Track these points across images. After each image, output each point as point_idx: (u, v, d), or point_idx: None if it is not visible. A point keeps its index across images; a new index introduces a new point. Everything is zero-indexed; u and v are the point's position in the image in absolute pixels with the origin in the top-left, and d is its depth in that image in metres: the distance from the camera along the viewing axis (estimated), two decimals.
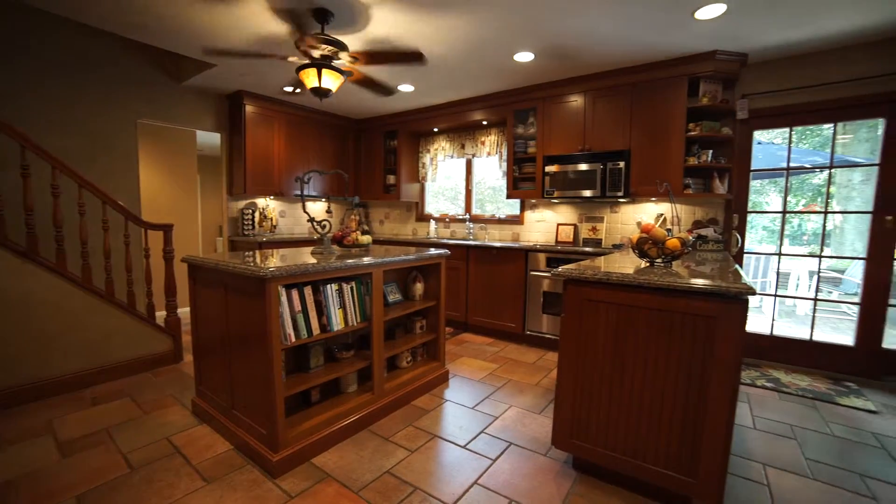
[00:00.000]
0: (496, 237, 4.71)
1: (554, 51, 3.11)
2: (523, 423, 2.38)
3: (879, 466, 2.04)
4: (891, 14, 2.52)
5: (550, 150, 3.85)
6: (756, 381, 3.01)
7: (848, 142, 4.77)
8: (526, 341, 3.86)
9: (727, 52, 3.06)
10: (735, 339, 1.46)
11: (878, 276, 3.05)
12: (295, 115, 4.73)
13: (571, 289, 1.78)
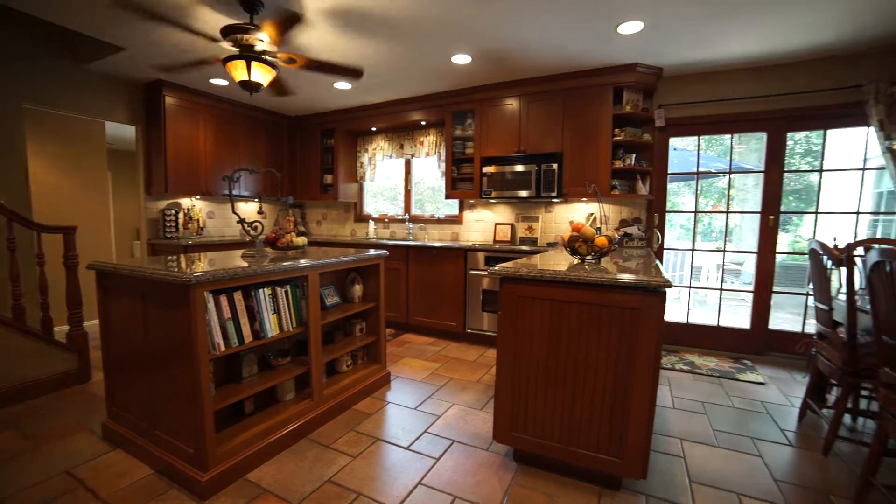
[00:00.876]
0: (436, 237, 4.75)
1: (490, 55, 3.20)
2: (465, 420, 2.42)
3: (765, 429, 2.37)
4: (769, 46, 2.93)
5: (488, 152, 3.96)
6: (675, 364, 3.32)
7: (743, 151, 5.41)
8: (467, 339, 3.93)
9: (646, 65, 3.34)
10: (655, 327, 1.60)
11: (765, 267, 3.51)
12: (223, 110, 4.42)
13: (507, 286, 1.85)
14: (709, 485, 1.86)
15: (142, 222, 4.18)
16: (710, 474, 1.94)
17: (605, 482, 1.83)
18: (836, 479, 1.93)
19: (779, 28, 2.71)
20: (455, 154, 4.20)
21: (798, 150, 5.02)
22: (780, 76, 3.29)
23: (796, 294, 3.60)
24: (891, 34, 2.77)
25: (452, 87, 4.02)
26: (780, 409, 2.60)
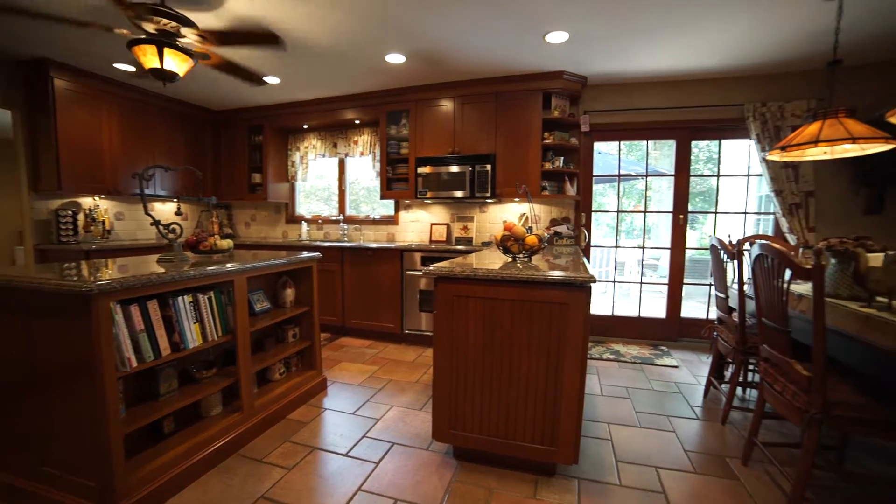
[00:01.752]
0: (371, 238, 4.68)
1: (424, 55, 3.21)
2: (405, 422, 2.41)
3: (677, 407, 2.63)
4: (674, 64, 3.25)
5: (423, 152, 3.97)
6: (602, 354, 3.56)
7: (658, 156, 5.94)
8: (405, 340, 3.92)
9: (572, 73, 3.55)
10: (582, 320, 1.70)
11: (677, 261, 3.89)
12: (133, 100, 4.00)
13: (442, 286, 1.87)
14: (632, 462, 2.03)
15: (26, 224, 3.61)
16: (634, 453, 2.11)
17: (541, 470, 1.92)
18: (731, 443, 2.20)
19: (679, 50, 3.03)
20: (390, 154, 4.17)
21: (702, 157, 5.62)
22: (685, 91, 3.67)
23: (702, 285, 4.03)
24: (761, 64, 3.23)
25: (387, 87, 3.98)
26: (690, 388, 2.90)
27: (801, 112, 3.35)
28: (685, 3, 2.41)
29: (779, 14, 2.55)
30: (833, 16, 2.49)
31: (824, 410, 1.55)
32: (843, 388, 1.66)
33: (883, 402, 1.55)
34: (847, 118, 2.15)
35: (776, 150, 2.40)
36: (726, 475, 1.93)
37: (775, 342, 1.81)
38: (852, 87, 3.35)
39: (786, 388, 1.75)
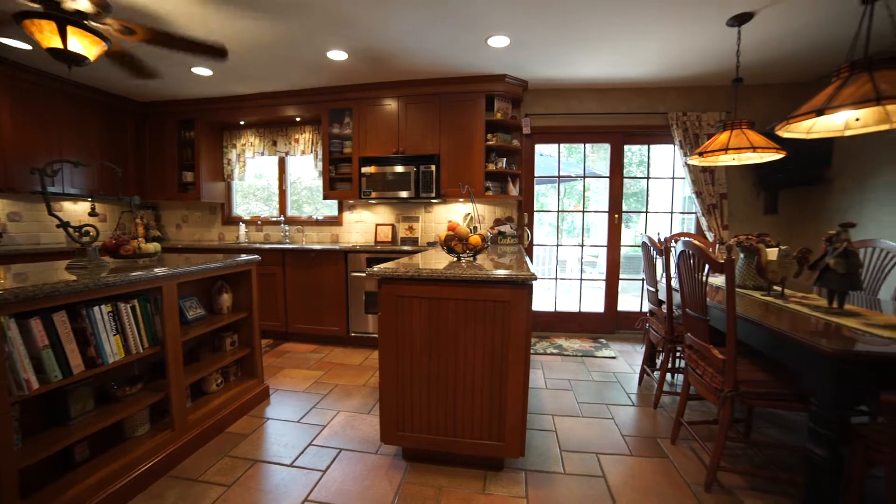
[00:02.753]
0: (314, 239, 4.53)
1: (367, 53, 3.16)
2: (352, 427, 2.36)
3: (615, 395, 2.79)
4: (607, 73, 3.45)
5: (367, 152, 3.91)
6: (546, 349, 3.71)
7: (595, 159, 6.29)
8: (351, 343, 3.83)
9: (513, 77, 3.66)
10: (525, 317, 1.76)
11: (613, 258, 4.14)
12: (31, 83, 3.52)
13: (386, 287, 1.85)
14: (575, 451, 2.13)
15: None
16: (576, 441, 2.21)
17: (489, 465, 1.96)
18: (662, 425, 2.38)
19: (611, 59, 3.23)
20: (333, 153, 4.06)
21: (635, 161, 6.04)
22: (617, 98, 3.91)
23: (636, 280, 4.32)
24: (681, 77, 3.52)
25: (330, 84, 3.88)
26: (627, 377, 3.10)
27: (715, 122, 3.70)
28: (614, 16, 2.57)
29: (687, 34, 2.79)
30: (734, 40, 2.79)
31: (735, 388, 1.72)
32: (749, 367, 1.86)
33: (779, 378, 1.75)
34: (748, 129, 2.41)
35: (695, 156, 2.63)
36: (657, 454, 2.09)
37: (697, 330, 1.98)
38: (752, 103, 3.77)
39: (705, 371, 1.92)
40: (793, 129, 1.84)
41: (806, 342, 1.41)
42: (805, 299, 2.05)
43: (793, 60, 3.20)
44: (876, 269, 2.39)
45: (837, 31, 2.72)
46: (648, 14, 2.55)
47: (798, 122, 1.72)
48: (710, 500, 1.76)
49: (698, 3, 2.42)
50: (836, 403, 1.38)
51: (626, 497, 1.78)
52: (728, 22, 2.60)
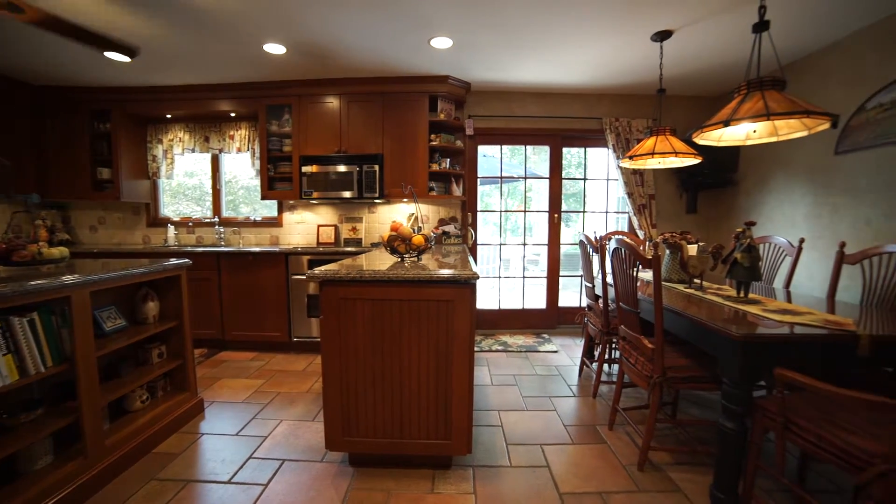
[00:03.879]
0: (252, 241, 4.30)
1: (306, 48, 3.05)
2: (296, 435, 2.26)
3: (557, 387, 2.92)
4: (546, 78, 3.60)
5: (308, 150, 3.78)
6: (492, 346, 3.79)
7: (537, 160, 6.52)
8: (294, 349, 3.69)
9: (456, 78, 3.70)
10: (468, 315, 1.79)
11: (554, 256, 4.33)
12: None
13: (328, 289, 1.80)
14: (521, 443, 2.19)
15: None
16: (522, 434, 2.28)
17: (438, 464, 1.97)
18: (600, 413, 2.52)
19: (550, 65, 3.37)
20: (272, 151, 3.88)
21: (574, 162, 6.34)
22: (556, 103, 4.09)
23: (575, 276, 4.55)
24: (613, 85, 3.75)
25: (268, 79, 3.70)
26: (568, 370, 3.25)
27: (643, 128, 3.99)
28: (552, 26, 2.68)
29: (618, 46, 2.98)
30: (658, 54, 3.03)
31: (663, 374, 1.86)
32: (674, 355, 2.02)
33: (699, 362, 1.93)
34: (671, 136, 2.62)
35: (626, 159, 2.82)
36: (596, 441, 2.21)
37: (629, 322, 2.12)
38: (674, 112, 4.11)
39: (637, 360, 2.06)
40: (706, 136, 2.02)
41: (720, 329, 1.56)
42: (720, 290, 2.27)
43: (706, 76, 3.53)
44: (771, 261, 2.70)
45: (738, 53, 3.04)
46: (584, 26, 2.69)
47: (710, 131, 1.90)
48: (642, 478, 1.90)
49: (627, 19, 2.60)
50: (741, 380, 1.54)
51: (568, 484, 1.86)
52: (652, 37, 2.81)
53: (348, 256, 3.48)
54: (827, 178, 2.96)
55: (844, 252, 2.22)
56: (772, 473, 1.56)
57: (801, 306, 1.91)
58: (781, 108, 1.59)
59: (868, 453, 1.23)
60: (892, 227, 2.54)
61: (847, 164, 2.81)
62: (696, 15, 2.53)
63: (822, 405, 1.51)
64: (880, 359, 1.53)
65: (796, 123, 1.81)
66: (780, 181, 3.38)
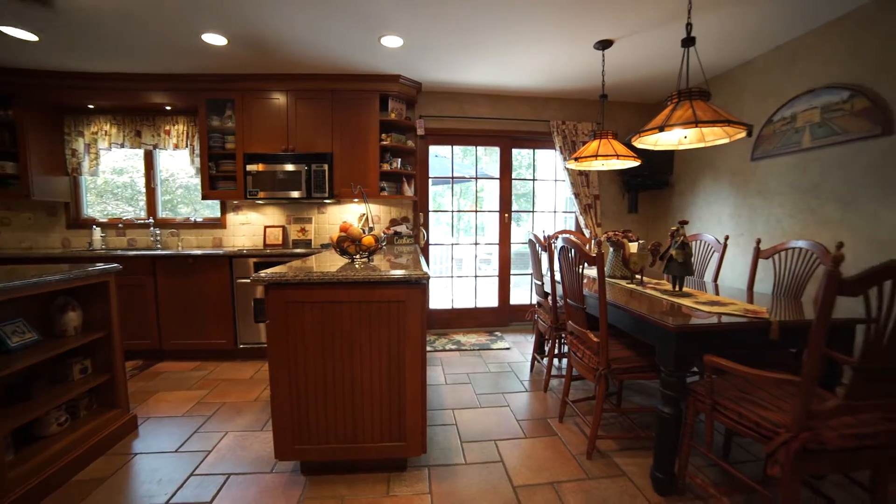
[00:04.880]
0: (193, 244, 4.04)
1: (249, 41, 2.91)
2: (243, 447, 2.15)
3: (510, 383, 2.99)
4: (496, 81, 3.67)
5: (253, 148, 3.60)
6: (445, 346, 3.81)
7: (488, 161, 6.65)
8: (241, 356, 3.51)
9: (407, 78, 3.68)
10: (420, 316, 1.78)
11: (504, 255, 4.43)
12: None
13: (274, 293, 1.73)
14: (475, 440, 2.22)
15: None
16: (476, 431, 2.31)
17: (393, 467, 1.95)
18: (551, 406, 2.61)
19: (501, 68, 3.44)
20: (213, 148, 3.66)
21: (524, 163, 6.53)
22: (506, 105, 4.19)
23: (526, 274, 4.68)
24: (560, 90, 3.91)
25: (207, 71, 3.48)
26: (520, 366, 3.33)
27: (588, 131, 4.18)
28: (501, 30, 2.74)
29: (564, 52, 3.11)
30: (601, 61, 3.19)
31: (608, 366, 1.97)
32: (618, 347, 2.14)
33: (641, 353, 2.05)
34: (613, 139, 2.77)
35: (572, 160, 2.94)
36: (548, 433, 2.29)
37: (577, 318, 2.22)
38: (616, 117, 4.36)
39: (584, 353, 2.16)
40: (644, 140, 2.16)
41: (658, 321, 1.67)
42: (658, 285, 2.43)
43: (644, 84, 3.77)
44: (702, 257, 2.93)
45: (671, 65, 3.28)
46: (532, 32, 2.77)
47: (647, 136, 2.03)
48: (591, 466, 1.99)
49: (572, 27, 2.71)
50: (677, 368, 1.66)
51: (521, 477, 1.91)
52: (595, 46, 2.96)
53: (297, 258, 3.36)
54: (745, 181, 3.27)
55: (760, 248, 2.46)
56: (702, 451, 1.69)
57: (727, 298, 2.10)
58: (707, 116, 1.73)
59: (775, 424, 1.37)
60: (796, 225, 2.85)
61: (760, 169, 3.12)
62: (632, 27, 2.69)
63: (742, 385, 1.66)
64: (786, 341, 1.71)
65: (720, 131, 1.98)
66: (709, 184, 3.68)
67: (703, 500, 1.75)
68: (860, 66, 2.47)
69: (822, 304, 1.19)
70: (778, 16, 2.57)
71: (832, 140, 2.59)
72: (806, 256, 2.23)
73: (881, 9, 2.37)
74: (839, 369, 1.87)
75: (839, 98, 2.55)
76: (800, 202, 2.83)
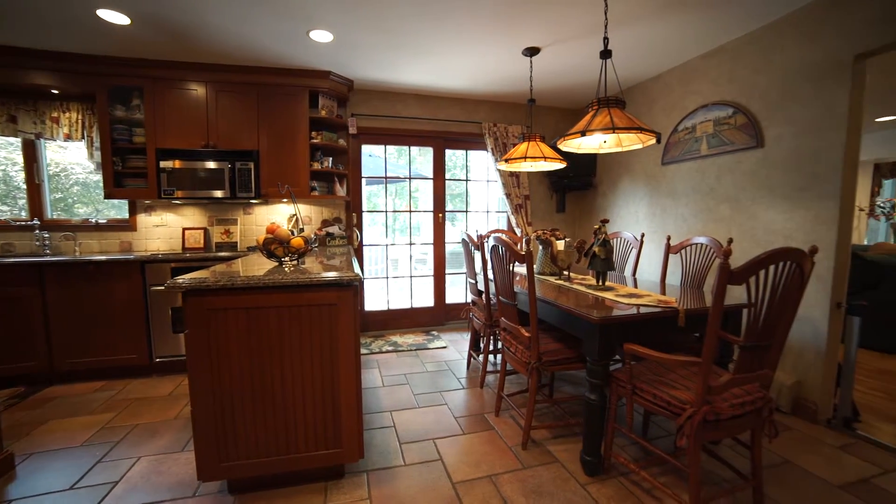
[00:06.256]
0: (95, 248, 3.58)
1: (157, 23, 2.64)
2: (160, 472, 1.95)
3: (447, 382, 3.02)
4: (429, 81, 3.69)
5: (168, 143, 3.28)
6: (382, 347, 3.76)
7: (422, 161, 6.67)
8: (157, 371, 3.18)
9: (339, 75, 3.57)
10: (353, 318, 1.74)
11: (439, 254, 4.48)
12: None
13: (193, 300, 1.59)
14: (414, 441, 2.21)
15: None
16: (414, 432, 2.31)
17: (330, 475, 1.89)
18: (488, 401, 2.68)
19: (434, 69, 3.46)
20: (118, 142, 3.27)
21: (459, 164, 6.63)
22: (439, 106, 4.23)
23: (461, 273, 4.76)
24: (492, 92, 4.03)
25: (109, 53, 3.10)
26: (457, 364, 3.38)
27: (518, 134, 4.36)
28: (430, 31, 2.76)
29: (494, 57, 3.20)
30: (529, 67, 3.35)
31: (539, 359, 2.06)
32: (548, 340, 2.25)
33: (569, 346, 2.18)
34: (541, 142, 2.91)
35: (503, 162, 3.04)
36: (485, 428, 2.35)
37: (509, 314, 2.30)
38: (544, 121, 4.59)
39: (517, 348, 2.24)
40: (569, 144, 2.29)
41: (583, 315, 1.79)
42: (584, 280, 2.59)
43: (569, 90, 4.01)
44: (622, 253, 3.19)
45: (593, 74, 3.53)
46: (463, 35, 2.82)
47: (571, 139, 2.16)
48: (526, 455, 2.07)
49: (501, 33, 2.80)
50: (600, 357, 1.79)
51: (460, 472, 1.94)
52: (523, 52, 3.08)
53: (221, 262, 3.11)
54: (657, 183, 3.61)
55: (670, 244, 2.73)
56: (624, 431, 1.84)
57: (643, 290, 2.30)
58: (623, 123, 1.88)
59: (682, 402, 1.53)
60: (698, 223, 3.20)
61: (669, 173, 3.46)
62: (557, 37, 2.85)
63: (657, 369, 1.83)
64: (691, 327, 1.92)
65: (634, 137, 2.16)
66: (627, 185, 4.01)
67: (626, 475, 1.90)
68: (737, 88, 2.85)
69: (717, 293, 1.35)
70: (678, 37, 2.87)
71: (723, 149, 2.95)
72: (705, 251, 2.51)
73: (749, 42, 2.78)
74: (731, 349, 2.14)
75: (726, 113, 2.91)
76: (700, 203, 3.18)
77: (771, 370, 1.56)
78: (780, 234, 2.60)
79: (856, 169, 2.31)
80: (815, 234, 2.41)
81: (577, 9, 2.47)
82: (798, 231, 2.50)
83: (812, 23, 2.41)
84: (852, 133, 2.27)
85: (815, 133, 2.40)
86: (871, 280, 3.73)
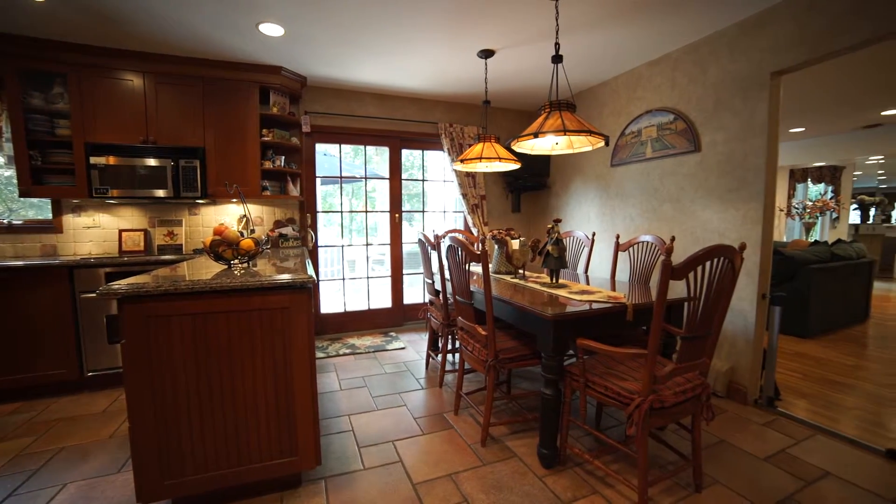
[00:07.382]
0: (9, 253, 3.21)
1: (79, 1, 2.40)
2: (91, 498, 1.79)
3: (406, 383, 3.01)
4: (385, 80, 3.66)
5: (99, 137, 3.02)
6: (339, 350, 3.67)
7: (379, 161, 6.58)
8: (89, 387, 2.91)
9: (291, 70, 3.45)
10: (307, 322, 1.69)
11: (396, 255, 4.45)
12: None
13: (130, 308, 1.47)
14: (373, 444, 2.18)
15: None
16: (373, 435, 2.27)
17: (286, 484, 1.82)
18: (447, 400, 2.70)
19: (390, 68, 3.43)
20: (36, 133, 2.95)
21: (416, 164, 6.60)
22: (395, 105, 4.19)
23: (419, 273, 4.75)
24: (449, 93, 4.06)
25: (22, 32, 2.78)
26: (415, 364, 3.37)
27: (474, 135, 4.41)
28: (385, 29, 2.72)
29: (450, 58, 3.22)
30: (484, 69, 3.40)
31: (496, 357, 2.10)
32: (504, 338, 2.30)
33: (525, 343, 2.24)
34: (496, 143, 2.96)
35: (458, 162, 3.06)
36: (444, 427, 2.35)
37: (465, 313, 2.32)
38: (499, 122, 4.67)
39: (474, 347, 2.27)
40: (522, 145, 2.35)
41: (538, 312, 1.84)
42: (538, 278, 2.67)
43: (523, 93, 4.11)
44: (575, 251, 3.32)
45: (545, 78, 3.64)
46: (419, 35, 2.81)
47: (524, 141, 2.22)
48: (485, 452, 2.10)
49: (456, 34, 2.82)
50: (555, 352, 1.85)
51: (420, 473, 1.93)
52: (478, 54, 3.12)
53: (165, 266, 2.91)
54: (607, 184, 3.78)
55: (619, 242, 2.87)
56: (578, 423, 1.92)
57: (595, 287, 2.40)
58: (573, 126, 1.95)
59: (631, 392, 1.62)
60: (645, 222, 3.39)
61: (618, 174, 3.64)
62: (511, 40, 2.91)
63: (608, 362, 1.92)
64: (639, 321, 2.03)
65: (584, 140, 2.25)
66: (579, 186, 4.17)
67: (581, 465, 1.98)
68: (678, 95, 3.06)
69: (660, 289, 1.44)
70: (626, 45, 3.03)
71: (665, 153, 3.14)
72: (651, 248, 2.67)
73: (688, 52, 2.98)
74: (674, 340, 2.28)
75: (667, 119, 3.11)
76: (646, 203, 3.37)
77: (709, 358, 1.69)
78: (715, 232, 2.82)
79: (775, 173, 2.55)
80: (744, 232, 2.64)
81: (530, 13, 2.54)
82: (730, 229, 2.72)
83: (740, 39, 2.63)
84: (771, 140, 2.50)
85: (742, 140, 2.63)
86: (788, 273, 4.14)
